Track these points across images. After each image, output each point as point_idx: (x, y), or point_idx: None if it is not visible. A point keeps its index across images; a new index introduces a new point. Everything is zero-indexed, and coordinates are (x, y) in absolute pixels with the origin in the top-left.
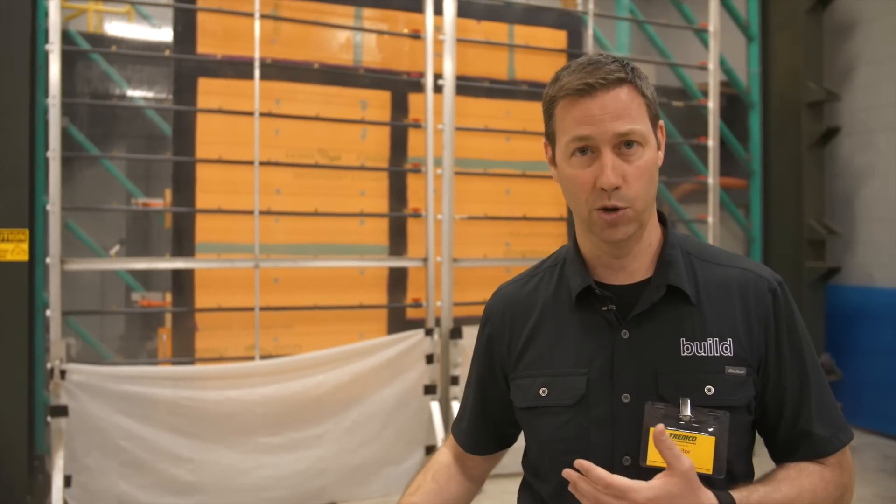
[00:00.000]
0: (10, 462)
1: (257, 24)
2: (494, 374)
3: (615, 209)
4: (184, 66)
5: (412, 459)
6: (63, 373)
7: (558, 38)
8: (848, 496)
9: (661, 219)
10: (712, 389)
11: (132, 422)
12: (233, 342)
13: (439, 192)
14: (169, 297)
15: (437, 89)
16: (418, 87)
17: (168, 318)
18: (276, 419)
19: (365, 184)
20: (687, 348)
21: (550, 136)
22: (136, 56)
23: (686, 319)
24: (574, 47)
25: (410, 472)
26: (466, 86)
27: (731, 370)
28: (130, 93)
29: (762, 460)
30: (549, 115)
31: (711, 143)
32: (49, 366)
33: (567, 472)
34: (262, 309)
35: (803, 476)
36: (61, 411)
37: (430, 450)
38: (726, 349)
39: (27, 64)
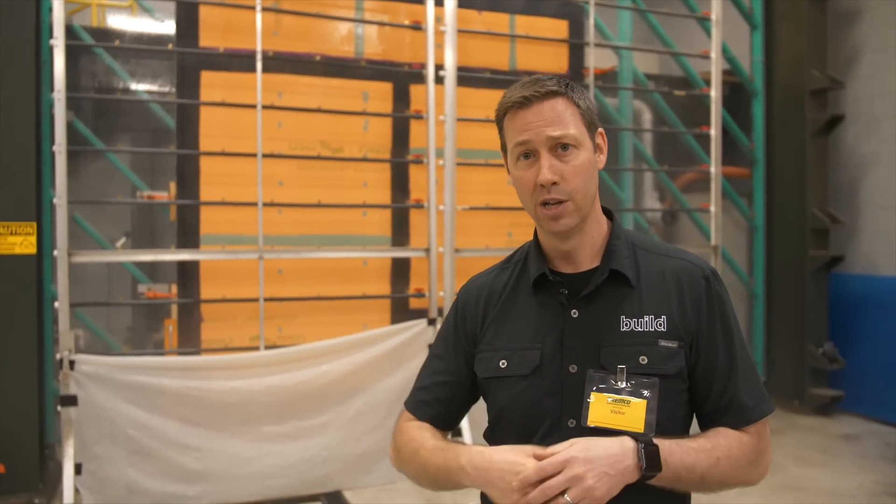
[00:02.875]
0: (22, 451)
1: (259, 16)
2: (463, 349)
3: (557, 203)
4: (186, 60)
5: None
6: (72, 363)
7: (560, 27)
8: (763, 464)
9: (609, 214)
10: (646, 359)
11: (140, 411)
12: (238, 333)
13: (441, 183)
14: (175, 289)
15: (439, 80)
16: (420, 78)
17: (174, 309)
18: (281, 408)
19: (367, 175)
20: (626, 324)
21: (503, 147)
22: (140, 50)
23: (626, 300)
24: (575, 37)
25: None
26: (468, 76)
27: (663, 343)
28: (134, 86)
29: None
30: (500, 128)
31: (714, 131)
32: (58, 356)
33: (524, 500)
34: (267, 300)
35: (721, 436)
36: (71, 401)
37: None
38: (660, 325)
39: (32, 59)
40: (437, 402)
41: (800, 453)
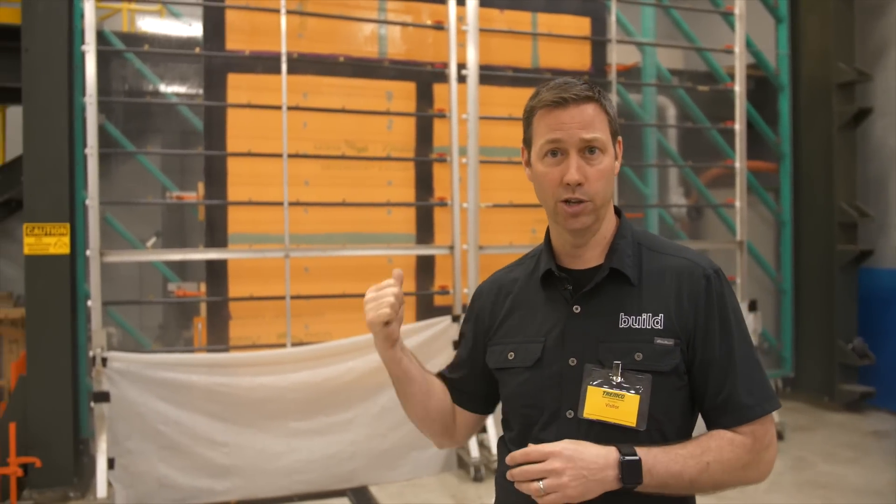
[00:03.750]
0: (57, 446)
1: (283, 19)
2: (477, 342)
3: (578, 202)
4: (213, 63)
5: None
6: (104, 360)
7: (582, 25)
8: (763, 465)
9: (618, 212)
10: (641, 356)
11: (170, 407)
12: (265, 330)
13: (465, 181)
14: (203, 287)
15: (461, 79)
16: (443, 77)
17: (203, 307)
18: (308, 404)
19: (391, 174)
20: (624, 321)
21: (527, 141)
22: (168, 54)
23: (626, 298)
24: (598, 33)
25: (438, 456)
26: (490, 75)
27: (659, 340)
28: (164, 88)
29: None
30: (528, 123)
31: (738, 126)
32: (91, 354)
33: (508, 474)
34: (293, 297)
35: (713, 439)
36: (103, 397)
37: None
38: (657, 323)
39: (65, 65)
40: (458, 384)
41: (829, 450)
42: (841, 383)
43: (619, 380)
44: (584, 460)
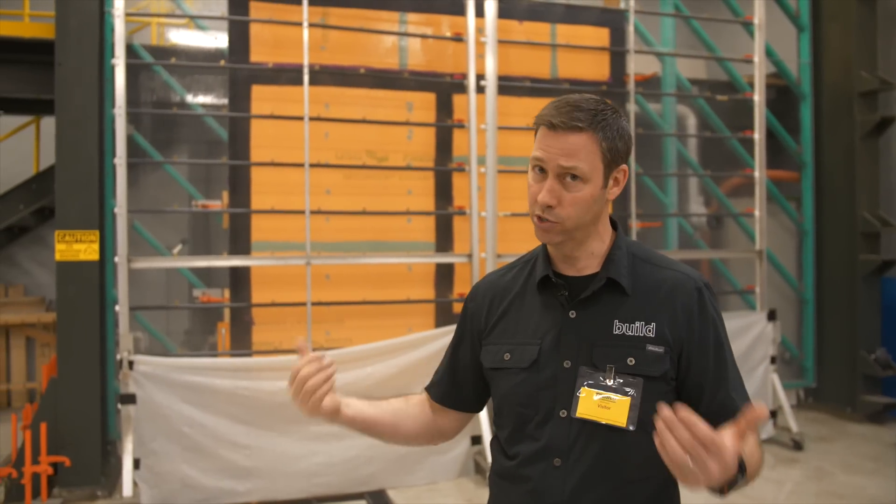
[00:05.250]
0: (86, 446)
1: (306, 32)
2: (471, 340)
3: (547, 220)
4: (238, 75)
5: (458, 449)
6: (131, 364)
7: (601, 35)
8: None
9: (614, 225)
10: (633, 361)
11: (194, 409)
12: (287, 336)
13: (483, 190)
14: (227, 294)
15: (480, 90)
16: (462, 88)
17: (227, 313)
18: None
19: (411, 183)
20: (618, 328)
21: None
22: (194, 66)
23: (621, 306)
24: (618, 44)
25: (455, 460)
26: (509, 86)
27: (650, 347)
28: (190, 100)
29: None
30: (535, 133)
31: (757, 136)
32: (118, 357)
33: (659, 426)
34: (314, 304)
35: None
36: (130, 399)
37: (477, 440)
38: (650, 331)
39: (96, 78)
40: (446, 384)
41: (849, 461)
42: (863, 394)
43: (611, 382)
44: (727, 466)
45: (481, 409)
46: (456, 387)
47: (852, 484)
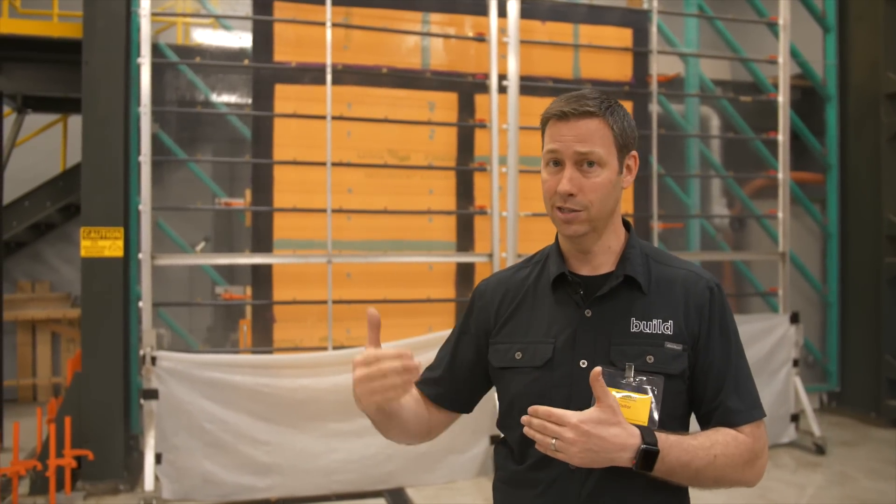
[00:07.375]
0: (109, 440)
1: (329, 32)
2: (476, 339)
3: (571, 211)
4: (262, 74)
5: (477, 448)
6: (154, 359)
7: (624, 36)
8: (759, 466)
9: (626, 225)
10: (652, 359)
11: (215, 405)
12: (308, 333)
13: (504, 190)
14: (249, 291)
15: (502, 90)
16: (484, 88)
17: (248, 310)
18: (347, 406)
19: (433, 182)
20: (636, 326)
21: (542, 149)
22: (219, 66)
23: (637, 304)
24: (640, 44)
25: (474, 460)
26: (531, 86)
27: (669, 345)
28: (214, 98)
29: None
30: (542, 132)
31: (781, 137)
32: (142, 353)
33: (523, 419)
34: (335, 302)
35: (719, 433)
36: (152, 394)
37: (495, 439)
38: (667, 329)
39: (122, 77)
40: (444, 383)
41: (873, 466)
42: (888, 399)
43: (631, 381)
44: (599, 438)
45: (471, 411)
46: (454, 387)
47: (875, 489)
